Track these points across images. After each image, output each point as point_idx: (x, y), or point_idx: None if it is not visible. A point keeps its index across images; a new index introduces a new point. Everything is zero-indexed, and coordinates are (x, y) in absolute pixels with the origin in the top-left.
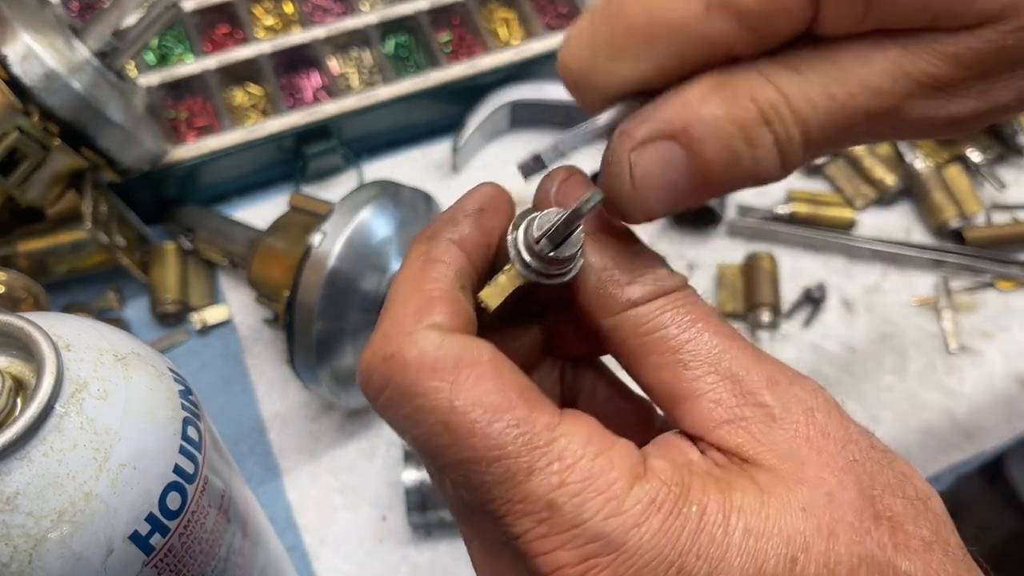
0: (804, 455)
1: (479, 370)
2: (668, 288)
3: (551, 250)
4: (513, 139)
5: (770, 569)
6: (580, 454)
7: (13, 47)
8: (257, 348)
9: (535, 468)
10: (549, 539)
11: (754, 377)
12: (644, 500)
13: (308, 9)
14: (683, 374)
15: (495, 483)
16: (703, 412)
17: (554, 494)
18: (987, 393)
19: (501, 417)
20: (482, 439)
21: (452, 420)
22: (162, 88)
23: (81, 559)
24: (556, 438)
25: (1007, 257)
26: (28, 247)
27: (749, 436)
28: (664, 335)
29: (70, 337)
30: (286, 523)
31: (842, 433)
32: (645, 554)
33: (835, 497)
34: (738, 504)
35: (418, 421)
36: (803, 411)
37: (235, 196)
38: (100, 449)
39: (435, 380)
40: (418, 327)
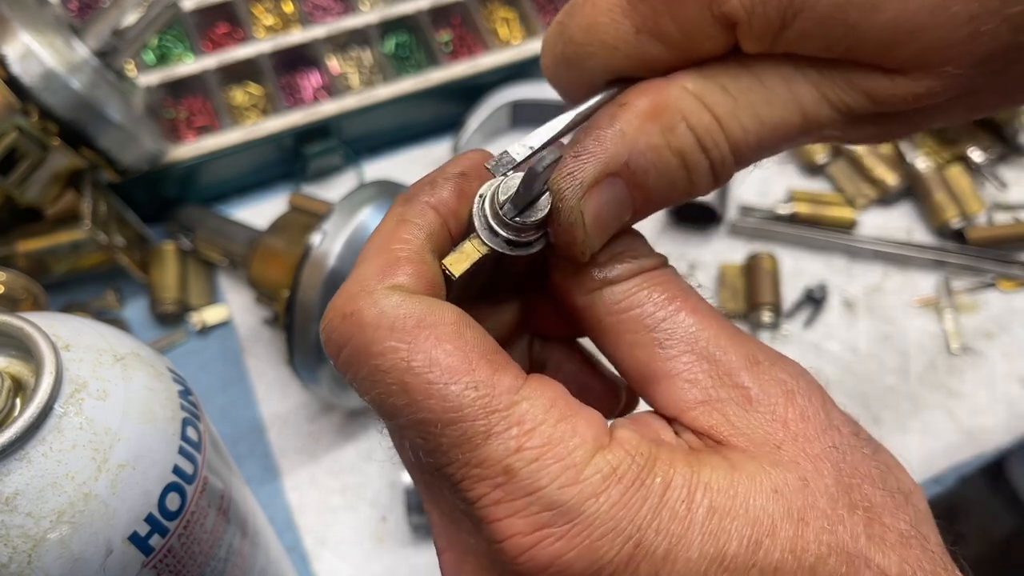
0: (780, 438)
1: (439, 331)
2: (646, 267)
3: (515, 215)
4: (513, 138)
5: (732, 551)
6: (541, 419)
7: (12, 46)
8: (257, 348)
9: (492, 432)
10: (503, 505)
11: (732, 357)
12: (605, 470)
13: (308, 8)
14: (658, 353)
15: (451, 446)
16: (677, 392)
17: (511, 459)
18: (988, 393)
19: (459, 379)
20: (439, 400)
21: (408, 380)
22: (162, 87)
23: (80, 560)
24: (517, 402)
25: (1009, 257)
26: (27, 247)
27: (723, 418)
28: (640, 313)
29: (69, 337)
30: (285, 524)
31: (822, 418)
32: (601, 526)
33: (809, 482)
34: (705, 480)
35: (375, 381)
36: (782, 393)
37: (235, 196)
38: (99, 449)
39: (393, 340)
40: (380, 286)
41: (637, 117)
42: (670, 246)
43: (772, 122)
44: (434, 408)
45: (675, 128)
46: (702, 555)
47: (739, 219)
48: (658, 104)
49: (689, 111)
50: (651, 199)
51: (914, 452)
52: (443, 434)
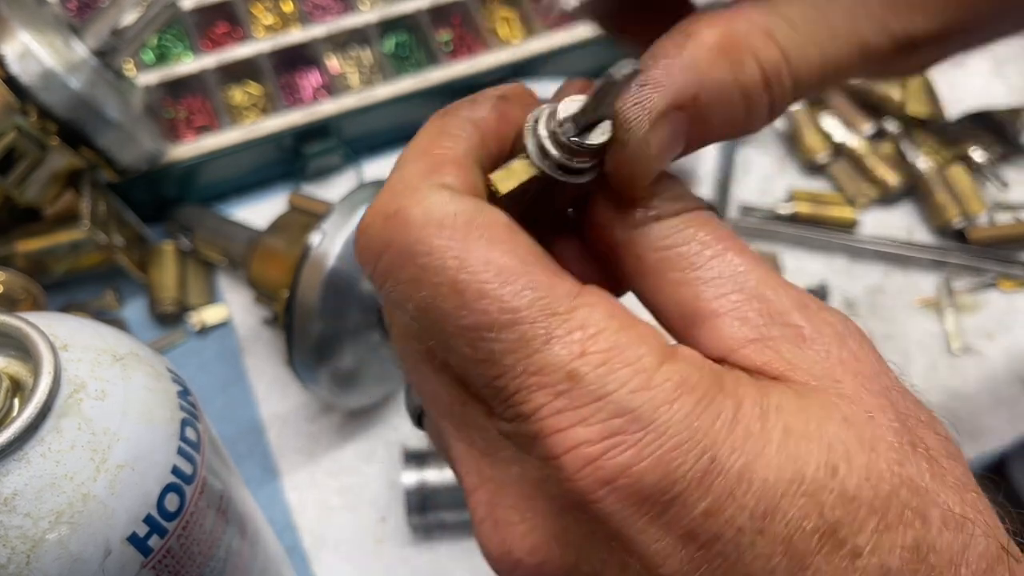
0: (839, 374)
1: (493, 231)
2: (691, 206)
3: (573, 134)
4: None
5: (810, 473)
6: (604, 325)
7: (11, 46)
8: (256, 348)
9: (554, 335)
10: (567, 414)
11: (782, 298)
12: (675, 378)
13: (307, 8)
14: (704, 290)
15: (507, 351)
16: (726, 330)
17: (576, 363)
18: (990, 394)
19: (516, 280)
20: (495, 301)
21: (461, 279)
22: (161, 87)
23: (79, 560)
24: (578, 307)
25: (1010, 257)
26: (26, 247)
27: (777, 355)
28: (686, 251)
29: (68, 337)
30: (285, 524)
31: (874, 361)
32: (676, 436)
33: (875, 416)
34: (776, 402)
35: (422, 282)
36: (834, 335)
37: (234, 195)
38: (98, 450)
39: (443, 238)
40: (425, 183)
41: (707, 50)
42: None
43: (835, 57)
44: (489, 309)
45: (744, 64)
46: (779, 476)
47: (740, 219)
48: (728, 38)
49: (759, 47)
50: (707, 135)
51: None
52: (498, 339)
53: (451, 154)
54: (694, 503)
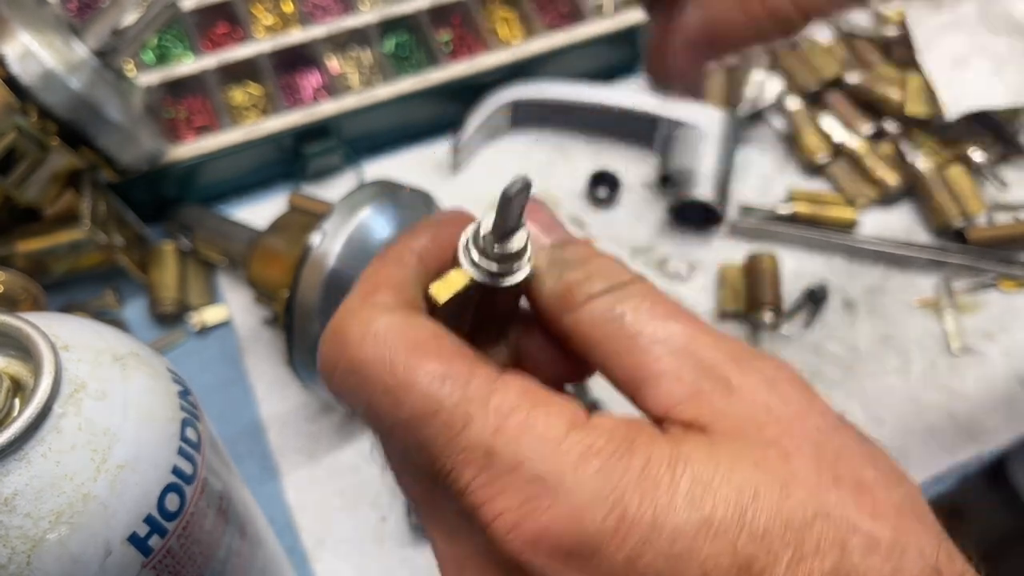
0: (762, 420)
1: (417, 337)
2: (625, 280)
3: (495, 243)
4: (513, 139)
5: (719, 516)
6: (516, 404)
7: (11, 46)
8: (256, 348)
9: (472, 417)
10: (488, 486)
11: (714, 354)
12: (582, 444)
13: (307, 8)
14: (643, 358)
15: (436, 436)
16: (664, 390)
17: (492, 439)
18: (989, 394)
19: (437, 374)
20: (420, 396)
21: (390, 382)
22: (161, 87)
23: (79, 561)
24: (493, 391)
25: (1010, 257)
26: (26, 247)
27: (708, 407)
28: (624, 323)
29: (68, 337)
30: (285, 524)
31: (805, 405)
32: (584, 494)
33: (791, 456)
34: (686, 454)
35: (363, 389)
36: (764, 381)
37: (234, 196)
38: (98, 450)
39: (376, 349)
40: (364, 305)
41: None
42: (670, 246)
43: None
44: (416, 403)
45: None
46: (689, 521)
47: (739, 219)
48: None
49: None
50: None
51: (915, 452)
52: (428, 426)
53: (390, 278)
54: (613, 553)
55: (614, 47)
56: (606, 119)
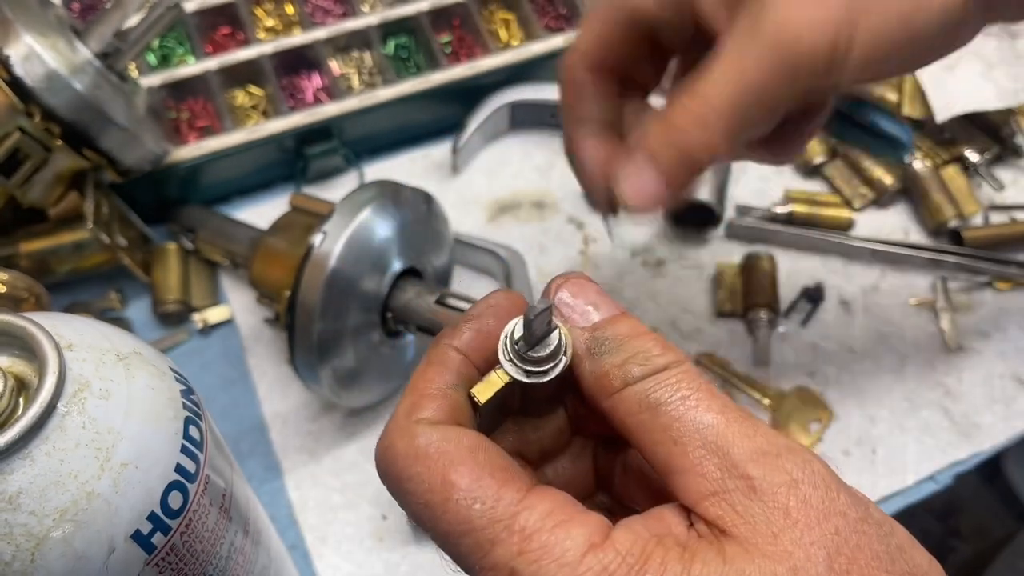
0: (778, 527)
1: (454, 456)
2: (659, 367)
3: (527, 350)
4: (513, 140)
5: None
6: (539, 525)
7: (15, 48)
8: (258, 348)
9: (498, 540)
10: None
11: (741, 450)
12: (596, 567)
13: (309, 10)
14: (673, 449)
15: (467, 554)
16: (691, 484)
17: (514, 561)
18: (985, 393)
19: (469, 495)
20: (453, 515)
21: (430, 500)
22: (163, 89)
23: (83, 558)
24: (519, 511)
25: (1005, 257)
26: (30, 247)
27: (730, 508)
28: (655, 413)
29: (72, 337)
30: (287, 522)
31: (826, 505)
32: None
33: (799, 571)
34: (696, 574)
35: (407, 502)
36: (786, 483)
37: (236, 196)
38: (102, 448)
39: (418, 467)
40: (408, 421)
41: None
42: (668, 247)
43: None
44: (451, 522)
45: None
46: None
47: (736, 219)
48: None
49: None
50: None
51: (911, 451)
52: (460, 543)
53: (431, 387)
54: None
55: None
56: None
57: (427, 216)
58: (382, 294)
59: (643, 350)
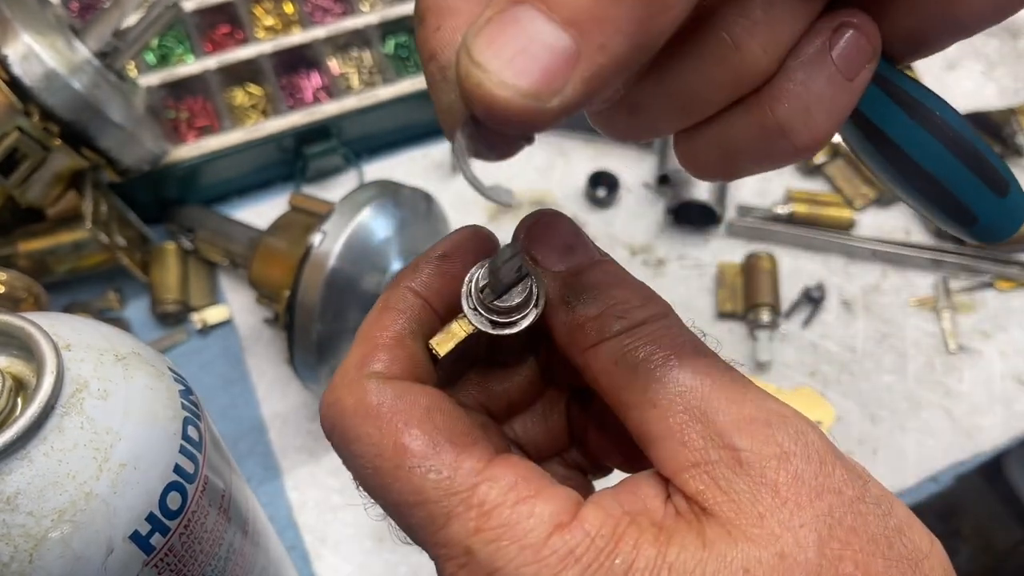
0: (765, 507)
1: (407, 414)
2: (638, 320)
3: (493, 299)
4: None
5: None
6: (499, 501)
7: (14, 47)
8: (257, 348)
9: (453, 514)
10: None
11: (727, 417)
12: (561, 550)
13: (308, 9)
14: (652, 413)
15: (419, 527)
16: (671, 453)
17: (470, 540)
18: (986, 393)
19: (423, 463)
20: (405, 483)
21: (380, 465)
22: (162, 88)
23: (82, 558)
24: (478, 484)
25: (1006, 257)
26: (29, 247)
27: (712, 482)
28: (634, 372)
29: (70, 337)
30: (286, 523)
31: (820, 481)
32: None
33: (787, 557)
34: (671, 560)
35: (354, 466)
36: (776, 455)
37: (235, 196)
38: (100, 449)
39: (368, 427)
40: (359, 375)
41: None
42: (669, 246)
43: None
44: (402, 491)
45: None
46: None
47: (737, 219)
48: None
49: None
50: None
51: (912, 451)
52: (412, 515)
53: (385, 336)
54: None
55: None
56: None
57: (427, 216)
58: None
59: (622, 301)
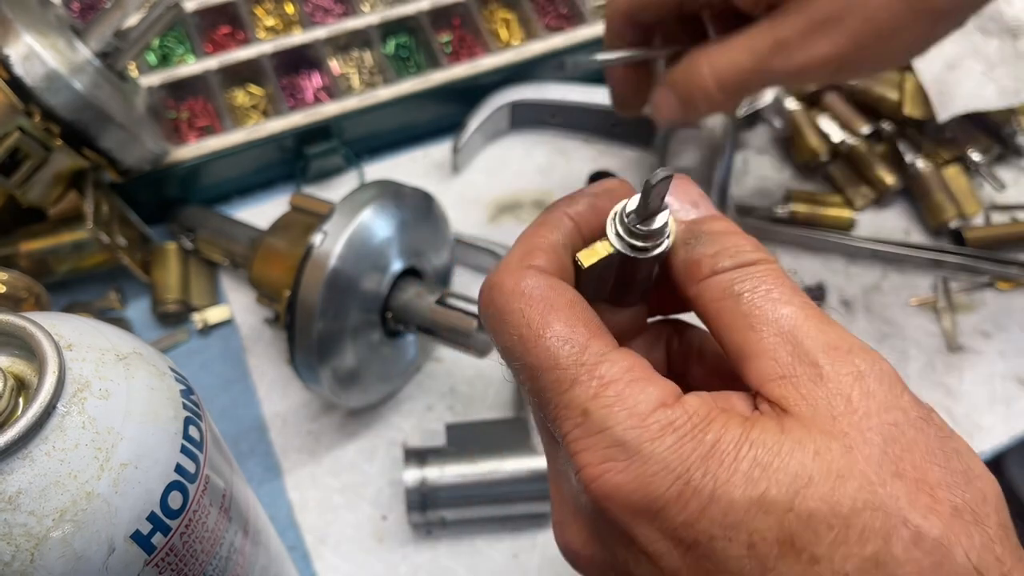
0: (839, 411)
1: (555, 300)
2: (746, 261)
3: (637, 222)
4: (513, 139)
5: (771, 496)
6: (616, 377)
7: (15, 47)
8: (258, 348)
9: (578, 380)
10: (582, 441)
11: (814, 342)
12: (663, 421)
13: (309, 10)
14: (749, 335)
15: (546, 388)
16: (761, 368)
17: (588, 403)
18: (986, 393)
19: (561, 338)
20: (543, 351)
21: (525, 334)
22: (163, 88)
23: (83, 558)
24: (601, 361)
25: (1006, 257)
26: (30, 247)
27: (794, 390)
28: (738, 301)
29: (72, 337)
30: (287, 522)
31: (889, 400)
32: (655, 464)
33: (853, 450)
34: (753, 438)
35: (503, 332)
36: (852, 374)
37: (236, 196)
38: (102, 448)
39: (520, 304)
40: (520, 266)
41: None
42: None
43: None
44: (539, 356)
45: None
46: (744, 497)
47: (737, 220)
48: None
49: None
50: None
51: None
52: (542, 378)
53: (544, 242)
54: (674, 516)
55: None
56: (605, 120)
57: (427, 216)
58: (382, 294)
59: (735, 245)
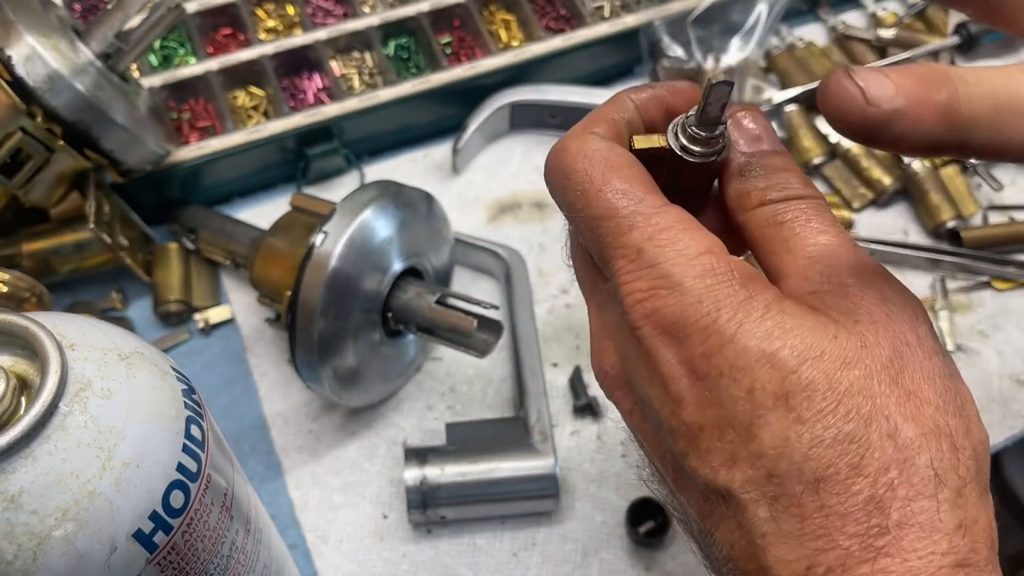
0: (859, 319)
1: (615, 161)
2: (794, 195)
3: (695, 124)
4: (513, 140)
5: (782, 355)
6: (669, 225)
7: (17, 49)
8: (259, 348)
9: (635, 226)
10: (632, 273)
11: (845, 265)
12: (707, 264)
13: (310, 11)
14: (786, 257)
15: (607, 233)
16: (794, 285)
17: (643, 244)
18: (983, 393)
19: (621, 191)
20: (604, 202)
21: (587, 188)
22: (165, 89)
23: (85, 557)
24: (657, 212)
25: (1004, 257)
26: (32, 247)
27: (821, 302)
28: (780, 228)
29: (74, 336)
30: (288, 521)
31: (908, 327)
32: (693, 296)
33: (867, 347)
34: (784, 307)
35: (567, 188)
36: (877, 298)
37: (237, 197)
38: (104, 448)
39: (584, 163)
40: (584, 132)
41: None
42: None
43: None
44: (600, 207)
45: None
46: (758, 347)
47: None
48: None
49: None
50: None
51: None
52: (603, 225)
53: (607, 116)
54: (696, 344)
55: (613, 50)
56: None
57: (427, 216)
58: (383, 294)
59: (785, 180)
